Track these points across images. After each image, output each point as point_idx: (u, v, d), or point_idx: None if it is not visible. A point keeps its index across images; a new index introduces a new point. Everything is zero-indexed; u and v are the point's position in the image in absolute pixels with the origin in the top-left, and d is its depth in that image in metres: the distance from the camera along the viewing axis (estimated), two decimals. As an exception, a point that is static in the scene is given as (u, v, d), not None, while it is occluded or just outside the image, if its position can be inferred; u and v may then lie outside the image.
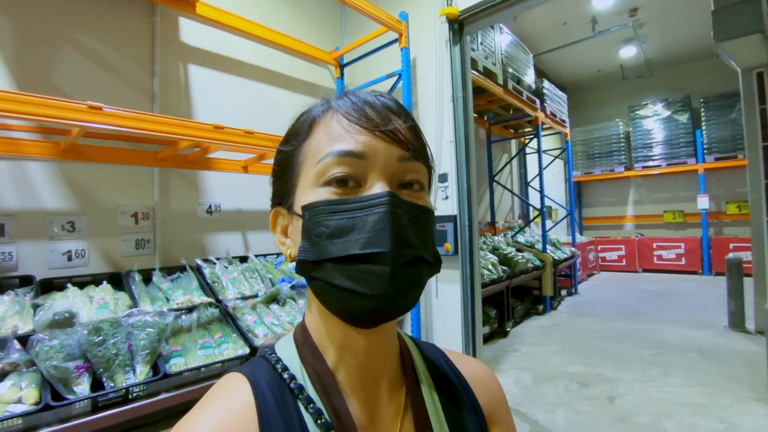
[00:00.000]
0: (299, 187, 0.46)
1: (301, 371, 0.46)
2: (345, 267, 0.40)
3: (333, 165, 0.42)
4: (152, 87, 2.73)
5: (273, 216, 0.51)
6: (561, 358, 3.69)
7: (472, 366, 0.59)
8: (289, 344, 0.50)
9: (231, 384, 0.45)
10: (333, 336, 0.46)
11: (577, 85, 9.11)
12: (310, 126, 0.47)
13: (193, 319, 2.18)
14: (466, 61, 3.17)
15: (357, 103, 0.45)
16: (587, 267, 7.52)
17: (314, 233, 0.42)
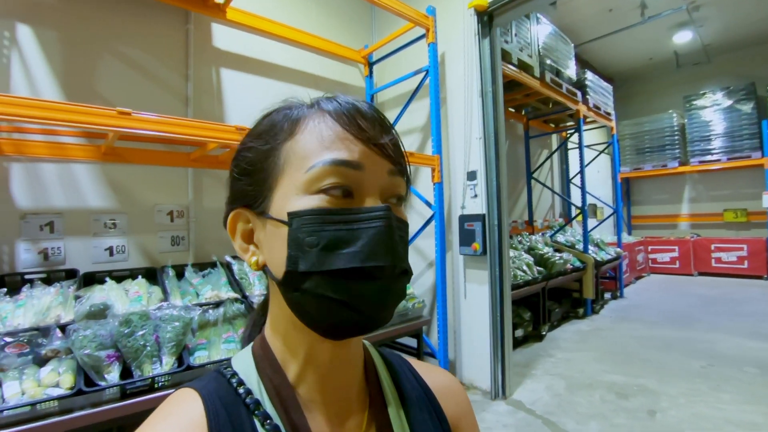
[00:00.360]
0: (279, 192, 0.43)
1: (259, 385, 0.44)
2: (339, 279, 0.39)
3: (329, 173, 0.40)
4: (186, 91, 2.85)
5: (233, 219, 0.47)
6: (599, 366, 3.49)
7: (437, 376, 0.58)
8: (247, 358, 0.47)
9: (180, 400, 0.42)
10: (298, 349, 0.45)
11: (626, 76, 8.54)
12: (294, 125, 0.44)
13: (219, 313, 2.26)
14: (496, 55, 3.06)
15: (349, 109, 0.44)
16: (635, 269, 7.05)
17: (305, 243, 0.39)
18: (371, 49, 3.64)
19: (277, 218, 0.42)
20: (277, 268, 0.42)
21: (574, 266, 4.78)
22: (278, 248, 0.41)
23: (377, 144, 0.43)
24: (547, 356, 3.78)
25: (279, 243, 0.41)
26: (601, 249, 5.67)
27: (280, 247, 0.41)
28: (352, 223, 0.40)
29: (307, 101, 0.47)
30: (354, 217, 0.40)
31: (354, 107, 0.44)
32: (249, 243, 0.46)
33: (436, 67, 3.08)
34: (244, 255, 0.46)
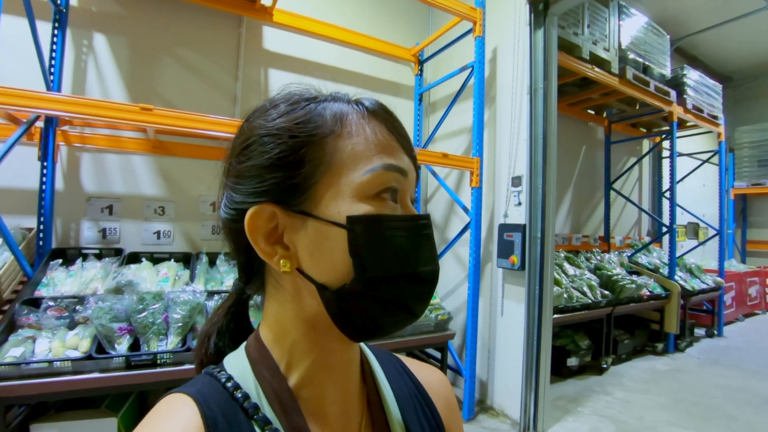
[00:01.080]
0: (327, 190, 0.39)
1: (256, 389, 0.42)
2: (402, 283, 0.40)
3: (386, 178, 0.40)
4: (235, 91, 3.04)
5: (254, 216, 0.40)
6: (665, 416, 2.93)
7: (426, 372, 0.58)
8: (241, 360, 0.44)
9: (174, 406, 0.39)
10: (306, 351, 0.43)
11: (748, 74, 7.11)
12: (339, 120, 0.41)
13: (235, 302, 2.35)
14: (551, 47, 2.75)
15: (389, 114, 0.45)
16: (744, 304, 5.84)
17: (370, 249, 0.38)
18: (421, 46, 3.53)
19: (332, 221, 0.39)
20: (328, 273, 0.39)
21: (653, 293, 4.10)
22: (330, 253, 0.39)
23: (412, 155, 0.45)
24: (602, 393, 3.29)
25: (331, 247, 0.39)
26: (694, 276, 4.80)
27: (333, 251, 0.39)
28: (410, 229, 0.41)
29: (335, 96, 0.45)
30: (410, 224, 0.41)
31: (393, 114, 0.45)
32: (274, 244, 0.41)
33: (481, 62, 2.86)
34: (269, 258, 0.41)
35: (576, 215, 4.88)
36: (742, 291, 5.74)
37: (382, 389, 0.50)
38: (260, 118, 0.43)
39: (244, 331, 0.51)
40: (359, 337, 0.42)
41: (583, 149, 4.98)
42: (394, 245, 0.39)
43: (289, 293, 0.43)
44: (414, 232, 0.41)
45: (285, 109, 0.42)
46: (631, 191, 5.52)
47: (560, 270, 3.78)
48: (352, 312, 0.40)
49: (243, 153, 0.42)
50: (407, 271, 0.40)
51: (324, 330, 0.42)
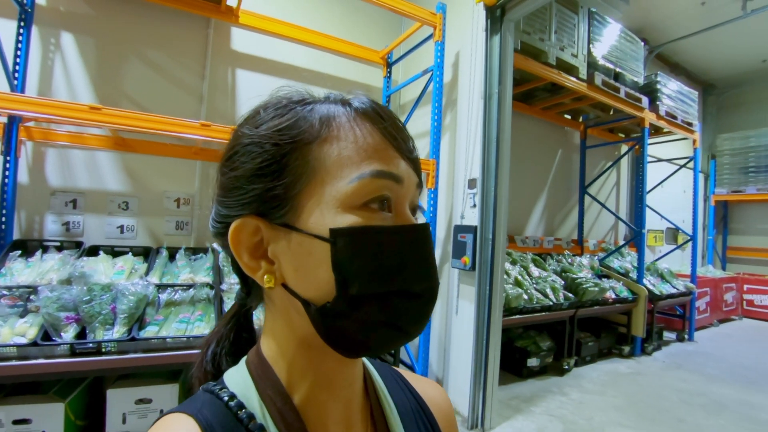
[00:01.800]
0: (310, 201, 0.37)
1: (261, 409, 0.40)
2: (391, 301, 0.37)
3: (374, 186, 0.37)
4: (201, 90, 3.11)
5: (238, 230, 0.39)
6: (616, 417, 2.99)
7: (426, 386, 0.57)
8: (243, 376, 0.42)
9: (175, 427, 0.37)
10: (305, 369, 0.41)
11: (732, 81, 7.14)
12: (326, 124, 0.39)
13: (187, 295, 2.43)
14: (507, 53, 2.82)
15: (382, 114, 0.41)
16: (720, 309, 5.88)
17: (354, 264, 0.36)
18: (389, 49, 3.60)
19: (315, 234, 0.37)
20: (311, 289, 0.38)
21: (620, 297, 4.16)
22: (313, 268, 0.37)
23: (410, 157, 0.41)
24: (559, 393, 3.35)
25: (314, 262, 0.37)
26: (665, 281, 4.85)
27: (316, 266, 0.37)
28: (400, 241, 0.38)
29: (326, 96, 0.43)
30: (401, 236, 0.38)
31: (388, 113, 0.42)
32: (259, 259, 0.40)
33: (440, 66, 2.93)
34: (253, 274, 0.40)
35: (550, 218, 4.94)
36: (718, 296, 5.78)
37: (385, 404, 0.48)
38: (245, 125, 0.41)
39: (244, 343, 0.49)
40: (350, 354, 0.40)
41: (558, 153, 5.04)
42: (382, 260, 0.36)
43: (280, 309, 0.41)
44: (406, 244, 0.38)
45: (269, 115, 0.40)
46: (608, 196, 5.57)
47: (525, 272, 3.84)
48: (338, 330, 0.38)
49: (227, 164, 0.41)
50: (396, 289, 0.37)
51: (318, 347, 0.40)
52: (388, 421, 0.47)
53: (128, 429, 2.16)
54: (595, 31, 4.01)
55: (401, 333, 0.38)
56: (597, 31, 4.03)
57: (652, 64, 6.14)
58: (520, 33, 3.38)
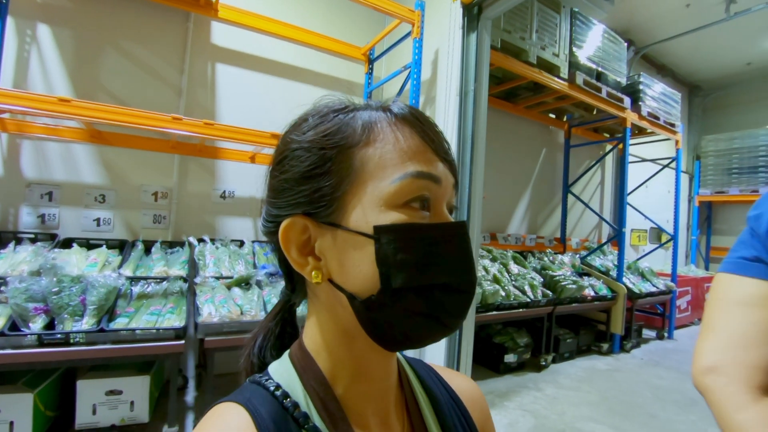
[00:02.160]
0: (355, 201, 0.40)
1: (305, 398, 0.42)
2: (432, 295, 0.39)
3: (415, 186, 0.39)
4: (180, 84, 3.11)
5: (288, 229, 0.42)
6: (587, 412, 3.03)
7: (460, 382, 0.58)
8: (287, 369, 0.45)
9: (227, 415, 0.40)
10: (346, 361, 0.44)
11: (717, 83, 7.21)
12: (368, 129, 0.41)
13: (160, 288, 2.44)
14: (483, 51, 2.84)
15: (420, 119, 0.43)
16: (701, 308, 5.92)
17: (398, 259, 0.38)
18: (370, 45, 3.61)
19: (359, 231, 0.39)
20: (356, 284, 0.40)
21: (599, 294, 4.20)
22: (358, 263, 0.39)
23: (447, 159, 0.44)
24: (534, 389, 3.39)
25: (359, 258, 0.39)
26: (645, 279, 4.90)
27: (361, 262, 0.39)
28: (440, 237, 0.40)
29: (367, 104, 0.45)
30: (441, 233, 0.40)
31: (425, 118, 0.44)
32: (307, 255, 0.43)
33: (418, 63, 2.95)
34: (301, 269, 0.43)
35: (533, 216, 4.98)
36: (699, 295, 5.85)
37: (420, 399, 0.50)
38: (292, 132, 0.44)
39: (288, 337, 0.52)
40: (392, 347, 0.42)
41: (543, 152, 5.08)
42: (423, 255, 0.38)
43: (325, 303, 0.44)
44: (445, 240, 0.40)
45: (314, 122, 0.43)
46: (592, 195, 5.62)
47: (504, 269, 3.88)
48: (382, 323, 0.40)
49: (277, 168, 0.44)
50: (436, 282, 0.39)
51: (361, 340, 0.42)
52: (423, 413, 0.49)
53: (98, 420, 2.18)
54: (577, 31, 4.05)
55: (442, 326, 0.40)
56: (579, 31, 4.07)
57: (639, 65, 6.19)
58: (500, 32, 3.41)
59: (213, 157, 3.09)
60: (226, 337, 2.30)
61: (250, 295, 2.54)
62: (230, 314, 2.33)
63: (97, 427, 2.18)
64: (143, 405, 2.28)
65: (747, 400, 0.57)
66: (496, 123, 4.55)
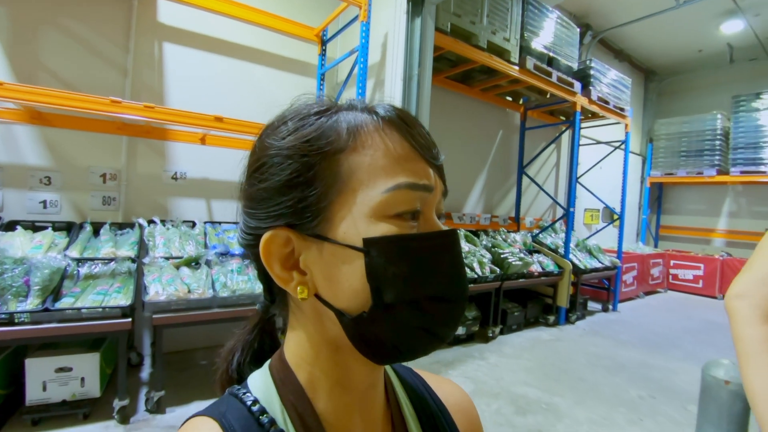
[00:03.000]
0: (342, 212, 0.38)
1: (282, 414, 0.41)
2: (425, 307, 0.38)
3: (407, 197, 0.38)
4: (126, 64, 3.07)
5: (269, 242, 0.39)
6: (523, 377, 3.29)
7: (448, 390, 0.57)
8: (265, 381, 0.43)
9: (200, 430, 0.39)
10: (329, 374, 0.42)
11: (671, 69, 7.53)
12: (354, 134, 0.39)
13: (108, 268, 2.50)
14: (427, 36, 2.91)
15: (407, 122, 0.41)
16: (646, 283, 6.38)
17: (389, 273, 0.36)
18: (323, 26, 3.62)
19: (348, 244, 0.37)
20: (345, 299, 0.38)
21: (546, 270, 4.47)
22: (347, 278, 0.37)
23: (436, 164, 0.42)
24: (479, 358, 3.64)
25: (348, 272, 0.37)
26: (592, 256, 5.21)
27: (350, 276, 0.37)
28: (432, 248, 0.38)
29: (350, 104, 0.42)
30: (434, 243, 0.39)
31: (412, 120, 0.42)
32: (291, 270, 0.40)
33: (365, 47, 3.00)
34: (285, 285, 0.40)
35: (489, 196, 5.18)
36: (645, 271, 6.25)
37: (404, 409, 0.49)
38: (270, 136, 0.41)
39: (267, 349, 0.50)
40: (382, 361, 0.40)
41: (499, 134, 5.24)
42: (416, 268, 0.37)
43: (309, 317, 0.42)
44: (438, 250, 0.39)
45: (294, 126, 0.40)
46: (548, 176, 5.85)
47: (456, 247, 4.06)
48: (372, 338, 0.38)
49: (254, 176, 0.41)
50: (430, 295, 0.38)
51: (346, 354, 0.40)
52: (407, 424, 0.48)
53: (49, 396, 2.25)
54: (529, 16, 4.14)
55: (434, 337, 0.39)
56: (532, 16, 4.16)
57: (597, 50, 6.37)
58: (450, 15, 3.48)
59: (162, 139, 3.10)
60: (174, 314, 2.40)
61: (199, 274, 2.63)
62: (177, 292, 2.42)
63: (48, 402, 2.25)
64: (94, 381, 2.36)
65: (757, 322, 0.72)
66: (452, 105, 4.67)
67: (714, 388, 1.74)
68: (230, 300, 2.54)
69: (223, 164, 3.42)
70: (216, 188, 3.45)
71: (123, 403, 2.31)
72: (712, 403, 1.75)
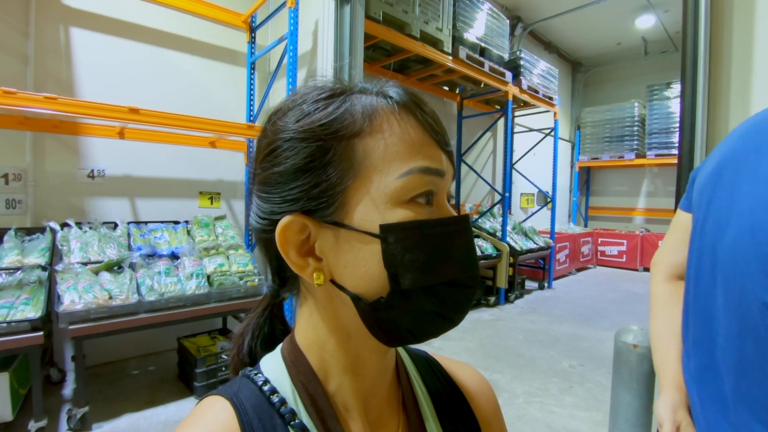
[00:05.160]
0: (357, 197, 0.37)
1: (293, 394, 0.41)
2: (441, 292, 0.38)
3: (422, 182, 0.37)
4: (26, 50, 2.76)
5: (285, 228, 0.39)
6: (465, 358, 3.43)
7: (465, 373, 0.56)
8: (277, 363, 0.44)
9: (210, 409, 0.39)
10: (340, 358, 0.42)
11: (595, 61, 8.11)
12: (369, 118, 0.38)
13: (13, 278, 2.25)
14: (356, 24, 2.88)
15: (421, 107, 0.40)
16: (577, 260, 6.88)
17: (405, 259, 0.36)
18: (250, 12, 3.47)
19: (364, 230, 0.37)
20: (362, 285, 0.38)
21: (485, 254, 4.66)
22: (363, 264, 0.37)
23: (447, 150, 0.41)
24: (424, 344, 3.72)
25: (365, 258, 0.37)
26: (528, 238, 5.51)
27: (366, 262, 0.37)
28: (446, 233, 0.38)
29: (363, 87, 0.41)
30: (448, 228, 0.39)
31: (425, 105, 0.41)
32: (306, 256, 0.40)
33: (294, 34, 2.91)
34: (301, 271, 0.40)
35: (431, 185, 5.29)
36: (576, 249, 6.73)
37: (418, 393, 0.49)
38: (282, 119, 0.40)
39: (279, 333, 0.50)
40: (394, 343, 0.41)
41: (438, 124, 5.34)
42: (432, 253, 0.37)
43: (322, 302, 0.42)
44: (451, 236, 0.39)
45: (308, 109, 0.39)
46: (485, 163, 6.08)
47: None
48: (389, 322, 0.38)
49: (267, 159, 0.40)
50: (446, 280, 0.38)
51: (358, 337, 0.41)
52: (421, 408, 0.48)
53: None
54: (462, 7, 4.23)
55: (447, 321, 0.40)
56: (464, 7, 4.26)
57: (528, 42, 6.66)
58: (382, 4, 3.46)
59: (73, 134, 2.83)
60: (94, 324, 2.22)
61: (122, 279, 2.45)
62: (96, 300, 2.24)
63: (-51, 432, 2.02)
64: (4, 403, 2.15)
65: (663, 281, 0.90)
66: (391, 95, 4.68)
67: (624, 353, 1.90)
68: (158, 304, 2.40)
69: (147, 160, 3.19)
70: (140, 186, 3.22)
71: (40, 424, 2.11)
72: (623, 367, 1.92)
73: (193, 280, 2.62)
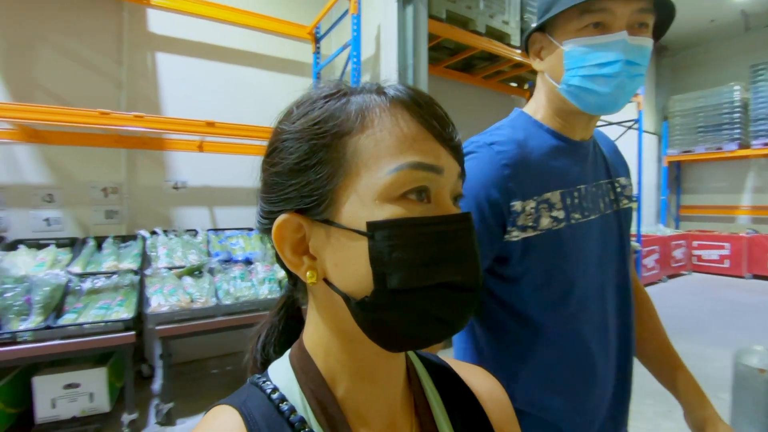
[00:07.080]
0: (347, 195, 0.37)
1: (302, 401, 0.40)
2: (432, 295, 0.36)
3: (412, 177, 0.36)
4: (120, 76, 3.06)
5: (281, 227, 0.39)
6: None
7: (479, 378, 0.54)
8: (285, 369, 0.43)
9: (218, 419, 0.39)
10: (346, 363, 0.41)
11: (684, 42, 7.19)
12: (362, 115, 0.38)
13: (110, 282, 2.48)
14: (420, 23, 2.81)
15: (419, 101, 0.39)
16: (669, 266, 6.12)
17: (393, 258, 0.35)
18: (315, 23, 3.55)
19: (353, 228, 0.36)
20: (350, 284, 0.37)
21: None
22: (352, 262, 0.37)
23: (452, 145, 0.39)
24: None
25: (353, 256, 0.37)
26: (610, 242, 5.02)
27: (355, 261, 0.36)
28: (440, 232, 0.37)
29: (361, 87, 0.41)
30: (441, 227, 0.37)
31: (426, 99, 0.40)
32: (302, 254, 0.40)
33: (357, 40, 2.91)
34: (296, 270, 0.40)
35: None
36: (667, 253, 6.01)
37: (430, 398, 0.48)
38: (283, 122, 0.41)
39: (295, 332, 0.49)
40: (393, 348, 0.39)
41: (505, 122, 5.09)
42: (422, 252, 0.35)
43: (323, 303, 0.41)
44: (447, 234, 0.37)
45: (305, 110, 0.39)
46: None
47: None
48: (380, 324, 0.37)
49: (267, 161, 0.41)
50: (438, 281, 0.36)
51: (361, 341, 0.39)
52: (434, 415, 0.46)
53: (58, 413, 2.24)
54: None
55: (445, 326, 0.38)
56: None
57: (603, 27, 6.12)
58: (445, 2, 3.36)
59: (159, 149, 3.08)
60: (177, 325, 2.36)
61: (202, 283, 2.59)
62: (180, 303, 2.39)
63: (59, 419, 2.24)
64: (102, 396, 2.34)
65: None
66: (455, 95, 4.55)
67: (748, 379, 1.60)
68: (234, 307, 2.50)
69: (223, 171, 3.38)
70: (217, 195, 3.42)
71: (132, 416, 2.29)
72: (746, 395, 1.62)
73: (266, 284, 2.71)
